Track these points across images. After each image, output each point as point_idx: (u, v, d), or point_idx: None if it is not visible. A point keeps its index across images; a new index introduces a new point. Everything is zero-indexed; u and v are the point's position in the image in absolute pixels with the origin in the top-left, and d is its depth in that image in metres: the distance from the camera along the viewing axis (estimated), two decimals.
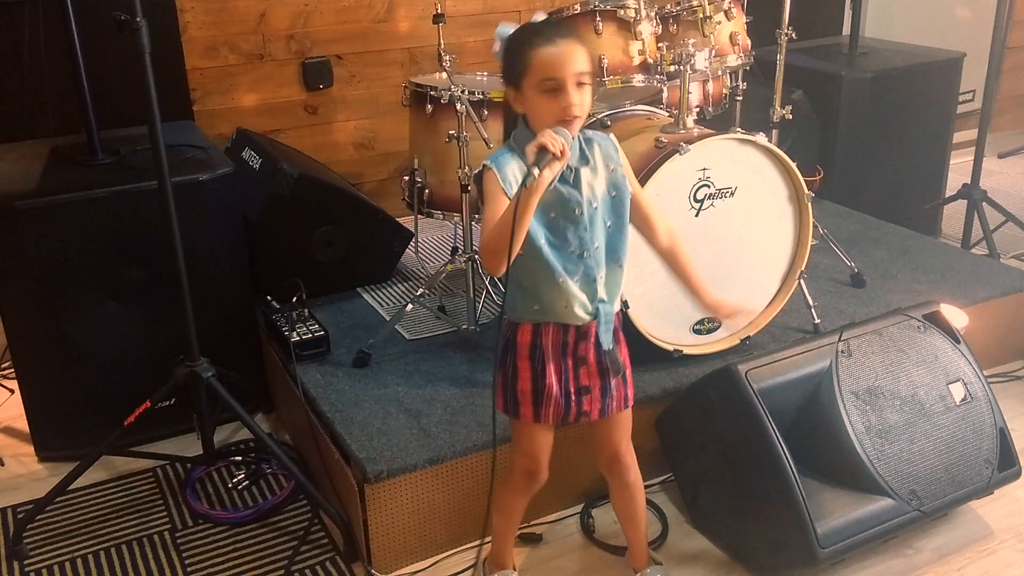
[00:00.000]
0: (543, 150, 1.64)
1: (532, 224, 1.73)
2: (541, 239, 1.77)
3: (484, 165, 1.78)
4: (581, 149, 1.81)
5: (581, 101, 1.72)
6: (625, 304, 2.40)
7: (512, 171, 1.75)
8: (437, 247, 3.72)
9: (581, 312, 1.83)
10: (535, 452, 1.97)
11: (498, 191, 1.75)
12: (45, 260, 2.54)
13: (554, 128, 1.69)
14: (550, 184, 1.70)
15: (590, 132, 1.86)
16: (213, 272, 2.71)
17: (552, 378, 1.87)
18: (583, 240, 1.80)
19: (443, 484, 2.28)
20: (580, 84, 1.72)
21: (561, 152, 1.65)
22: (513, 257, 1.68)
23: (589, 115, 1.87)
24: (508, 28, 1.82)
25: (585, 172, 1.81)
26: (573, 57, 1.71)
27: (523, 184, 1.63)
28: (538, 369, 1.87)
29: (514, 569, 2.18)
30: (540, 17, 1.89)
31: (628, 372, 1.96)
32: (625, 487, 2.07)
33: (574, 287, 1.81)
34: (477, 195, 1.83)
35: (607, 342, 1.87)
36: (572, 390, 1.89)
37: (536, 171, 1.62)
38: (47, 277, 2.55)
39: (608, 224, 1.84)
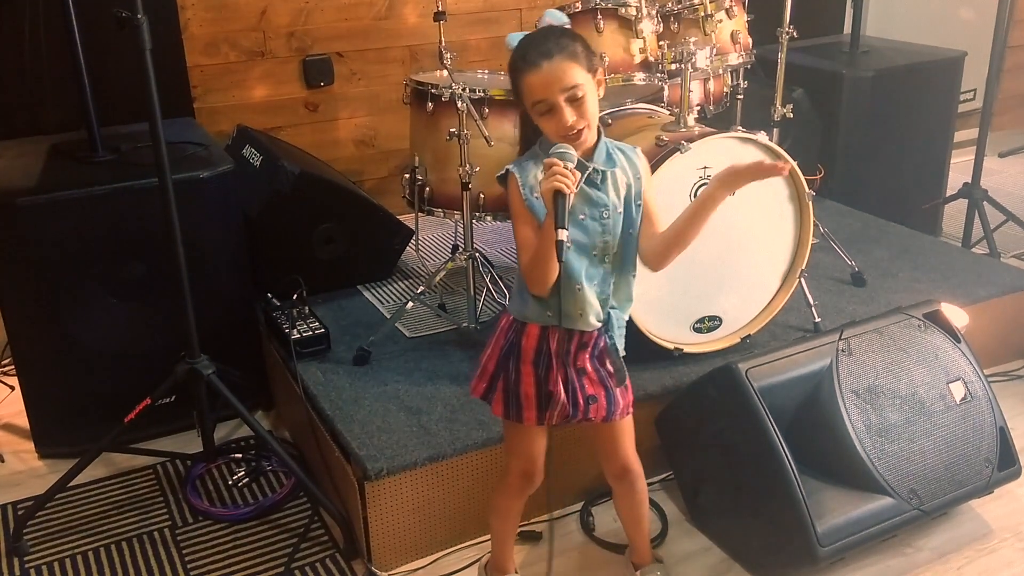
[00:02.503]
0: (559, 196, 1.62)
1: None
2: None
3: (507, 169, 1.77)
4: (609, 153, 1.79)
5: (580, 114, 1.70)
6: None
7: (534, 175, 1.74)
8: (437, 245, 3.72)
9: (593, 319, 1.82)
10: (533, 455, 1.95)
11: (522, 207, 1.74)
12: (45, 257, 2.54)
13: (557, 150, 1.67)
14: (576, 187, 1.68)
15: (616, 142, 1.83)
16: (214, 269, 2.70)
17: (559, 386, 1.84)
18: (606, 244, 1.79)
19: (443, 482, 2.28)
20: (573, 99, 1.69)
21: (574, 180, 1.63)
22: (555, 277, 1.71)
23: None
24: (514, 38, 1.79)
25: (612, 176, 1.78)
26: (557, 76, 1.67)
27: (556, 225, 1.61)
28: (542, 375, 1.84)
29: (516, 573, 2.17)
30: (544, 22, 1.84)
31: (627, 379, 1.94)
32: (634, 493, 2.06)
33: (590, 294, 1.80)
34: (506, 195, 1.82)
35: (622, 348, 1.86)
36: (580, 399, 1.86)
37: (564, 234, 1.61)
38: (47, 274, 2.55)
39: (629, 231, 1.81)
